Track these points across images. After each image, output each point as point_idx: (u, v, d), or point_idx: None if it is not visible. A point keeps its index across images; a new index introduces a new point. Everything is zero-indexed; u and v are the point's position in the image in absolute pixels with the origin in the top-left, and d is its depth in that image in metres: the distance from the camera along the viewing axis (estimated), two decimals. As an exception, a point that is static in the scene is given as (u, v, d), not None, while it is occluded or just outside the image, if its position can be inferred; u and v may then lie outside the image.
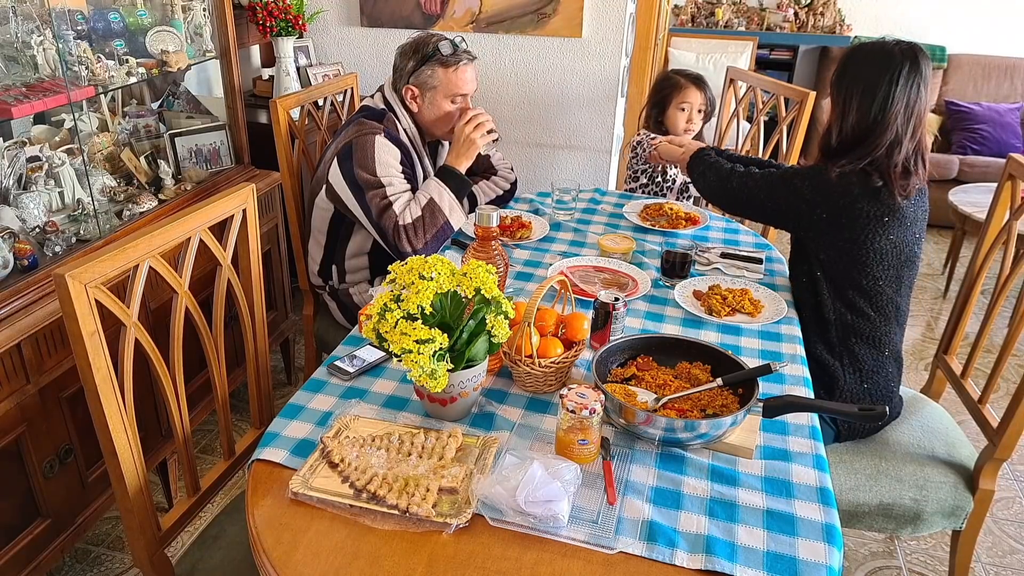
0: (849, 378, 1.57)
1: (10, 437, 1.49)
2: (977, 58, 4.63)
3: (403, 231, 1.76)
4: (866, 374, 1.58)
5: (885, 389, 1.60)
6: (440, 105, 1.87)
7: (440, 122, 1.91)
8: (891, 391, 1.62)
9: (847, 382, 1.57)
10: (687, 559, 0.96)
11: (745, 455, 1.15)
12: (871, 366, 1.58)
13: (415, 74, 1.85)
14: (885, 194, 1.47)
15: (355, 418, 1.20)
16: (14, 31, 1.68)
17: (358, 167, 1.78)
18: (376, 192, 1.78)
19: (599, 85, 2.86)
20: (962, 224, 3.45)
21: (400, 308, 1.10)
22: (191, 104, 2.42)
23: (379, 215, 1.77)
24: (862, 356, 1.57)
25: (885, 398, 1.61)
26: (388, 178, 1.79)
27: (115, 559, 1.91)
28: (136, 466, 1.14)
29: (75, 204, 1.82)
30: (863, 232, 1.49)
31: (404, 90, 1.87)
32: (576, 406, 1.07)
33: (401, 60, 1.88)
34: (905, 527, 1.55)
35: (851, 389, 1.57)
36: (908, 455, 1.58)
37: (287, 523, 1.00)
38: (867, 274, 1.53)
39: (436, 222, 1.77)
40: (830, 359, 1.58)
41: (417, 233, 1.76)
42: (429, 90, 1.86)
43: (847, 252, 1.53)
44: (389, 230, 1.77)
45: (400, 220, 1.76)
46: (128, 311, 1.10)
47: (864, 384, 1.58)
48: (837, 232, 1.52)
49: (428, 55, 1.84)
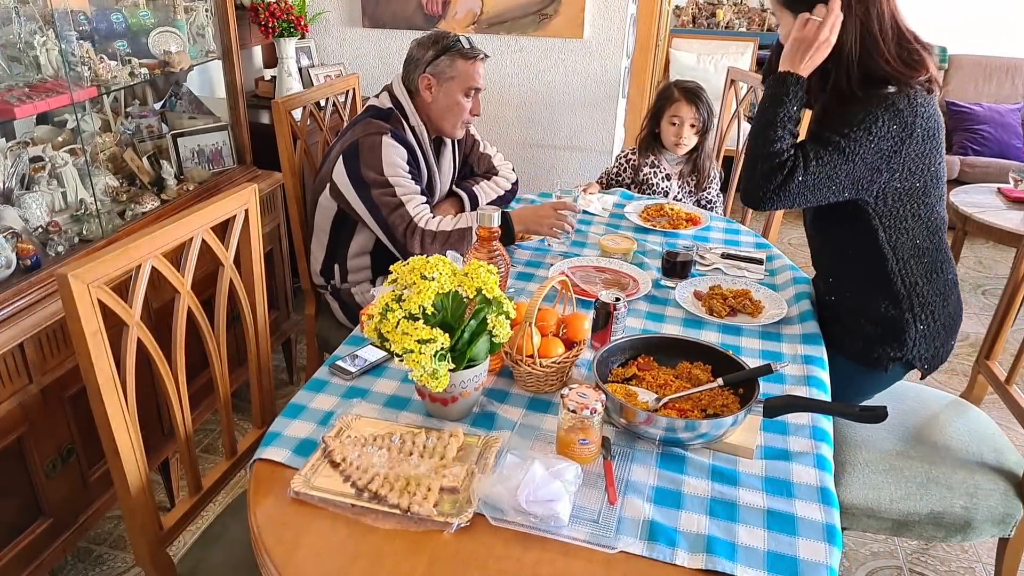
0: (920, 324, 1.52)
1: (12, 436, 1.49)
2: (978, 58, 4.63)
3: (420, 234, 1.77)
4: (937, 312, 1.53)
5: (956, 313, 1.57)
6: (454, 96, 1.89)
7: (449, 114, 1.92)
8: (959, 312, 1.59)
9: (919, 328, 1.52)
10: (688, 559, 0.96)
11: (746, 455, 1.15)
12: (940, 299, 1.53)
13: (434, 63, 1.86)
14: (905, 101, 1.38)
15: (357, 418, 1.20)
16: (17, 31, 1.68)
17: (364, 166, 1.79)
18: (384, 191, 1.78)
19: (600, 86, 2.86)
20: (963, 224, 3.45)
21: (402, 308, 1.10)
22: (193, 104, 2.42)
23: (389, 213, 1.78)
24: (929, 294, 1.51)
25: (957, 320, 1.58)
26: (396, 178, 1.79)
27: (117, 558, 1.91)
28: (138, 465, 1.14)
29: (78, 204, 1.82)
30: (915, 152, 1.41)
31: (420, 78, 1.88)
32: (577, 406, 1.08)
33: (419, 50, 1.89)
34: (955, 535, 1.52)
35: (925, 331, 1.53)
36: (958, 462, 1.54)
37: (289, 522, 1.01)
38: (922, 199, 1.45)
39: (458, 247, 1.78)
40: (897, 313, 1.51)
41: (434, 243, 1.77)
42: (446, 80, 1.87)
43: (904, 183, 1.43)
44: (400, 227, 1.77)
45: (419, 222, 1.77)
46: (130, 311, 1.10)
47: (936, 321, 1.53)
48: (895, 168, 1.42)
49: (448, 46, 1.86)
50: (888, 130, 1.38)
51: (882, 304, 1.53)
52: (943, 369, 2.92)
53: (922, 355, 1.56)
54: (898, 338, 1.53)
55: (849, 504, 1.50)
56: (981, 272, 3.88)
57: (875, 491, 1.50)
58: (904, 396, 1.75)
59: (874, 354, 1.56)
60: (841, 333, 1.59)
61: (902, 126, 1.39)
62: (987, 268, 3.93)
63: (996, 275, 3.84)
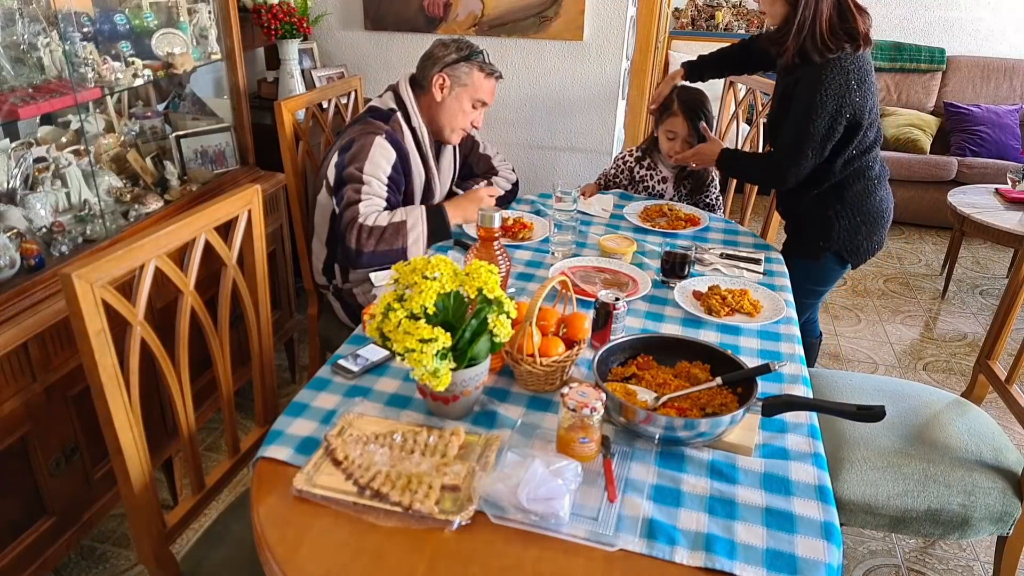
0: (843, 220, 1.93)
1: (16, 435, 1.50)
2: (976, 60, 4.64)
3: (357, 228, 1.77)
4: (856, 210, 1.93)
5: (877, 212, 1.95)
6: (462, 103, 1.91)
7: (452, 118, 1.94)
8: (882, 212, 1.97)
9: (841, 223, 1.93)
10: (687, 556, 0.97)
11: (744, 453, 1.16)
12: (859, 200, 1.92)
13: (453, 66, 1.88)
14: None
15: (359, 416, 1.21)
16: (20, 33, 1.69)
17: (348, 162, 1.81)
18: (352, 186, 1.80)
19: (600, 88, 2.87)
20: (960, 225, 3.45)
21: (403, 308, 1.11)
22: (196, 106, 2.43)
23: (344, 207, 1.79)
24: (848, 197, 1.91)
25: (879, 218, 1.97)
26: (369, 177, 1.80)
27: (120, 556, 1.92)
28: (142, 464, 1.15)
29: (81, 204, 1.83)
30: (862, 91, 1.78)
31: (435, 77, 1.89)
32: (577, 405, 1.09)
33: (441, 49, 1.90)
34: (952, 533, 1.53)
35: (847, 226, 1.94)
36: (956, 460, 1.56)
37: (291, 520, 1.02)
38: (868, 127, 1.83)
39: (392, 242, 1.78)
40: (823, 213, 1.93)
41: (369, 238, 1.77)
42: (460, 85, 1.89)
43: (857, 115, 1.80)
44: (345, 221, 1.79)
45: (361, 218, 1.77)
46: (134, 310, 1.11)
47: (856, 218, 1.93)
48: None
49: (471, 55, 1.89)
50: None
51: (815, 207, 1.95)
52: (944, 369, 2.93)
53: (846, 247, 1.96)
54: (826, 232, 1.95)
55: (847, 500, 1.51)
56: (979, 272, 3.89)
57: (873, 487, 1.51)
58: (905, 396, 1.77)
59: (810, 247, 1.99)
60: (792, 235, 2.08)
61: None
62: (985, 268, 3.94)
63: (993, 275, 3.85)
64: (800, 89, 1.80)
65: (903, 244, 4.26)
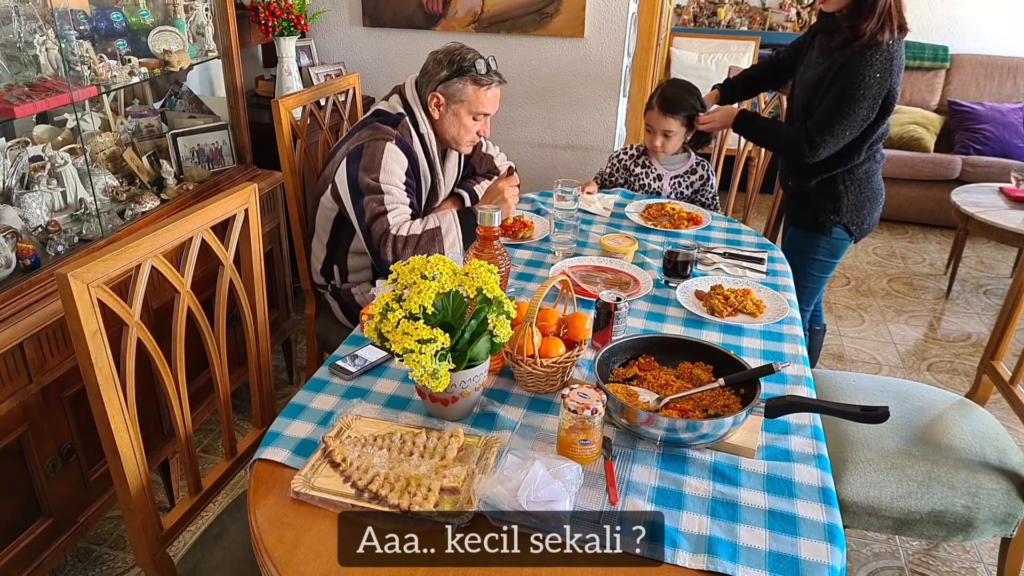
0: (851, 196, 2.06)
1: (12, 436, 1.49)
2: (980, 58, 4.62)
3: (392, 240, 1.76)
4: (863, 187, 2.06)
5: (878, 191, 2.10)
6: (462, 119, 1.87)
7: (455, 133, 1.91)
8: (881, 192, 2.12)
9: (849, 198, 2.06)
10: (689, 559, 0.96)
11: (747, 455, 1.15)
12: (865, 178, 2.06)
13: (446, 83, 1.83)
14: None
15: (357, 418, 1.20)
16: (16, 31, 1.68)
17: (363, 171, 1.78)
18: (373, 197, 1.78)
19: (601, 85, 2.86)
20: (964, 224, 3.44)
21: (402, 308, 1.09)
22: (193, 104, 2.42)
23: (371, 219, 1.77)
24: (859, 174, 2.04)
25: (879, 196, 2.11)
26: (388, 186, 1.78)
27: (117, 558, 1.91)
28: (138, 465, 1.14)
29: (77, 204, 1.82)
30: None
31: (430, 96, 1.86)
32: (578, 406, 1.07)
33: (434, 67, 1.86)
34: (956, 534, 1.52)
35: (854, 201, 2.07)
36: (960, 461, 1.54)
37: (289, 522, 1.00)
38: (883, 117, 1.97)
39: (428, 249, 1.77)
40: (835, 188, 2.05)
41: (405, 248, 1.76)
42: (456, 103, 1.85)
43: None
44: (376, 234, 1.76)
45: (392, 229, 1.76)
46: (130, 310, 1.10)
47: (862, 195, 2.07)
48: None
49: (464, 69, 1.82)
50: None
51: (829, 182, 2.06)
52: (948, 369, 2.92)
53: (853, 219, 2.08)
54: (836, 206, 2.07)
55: (850, 502, 1.50)
56: (983, 272, 3.87)
57: (876, 489, 1.50)
58: (909, 396, 1.75)
59: (822, 220, 2.09)
60: (800, 208, 2.18)
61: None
62: (989, 268, 3.92)
63: (998, 275, 3.83)
64: (845, 71, 1.89)
65: (907, 243, 4.24)
